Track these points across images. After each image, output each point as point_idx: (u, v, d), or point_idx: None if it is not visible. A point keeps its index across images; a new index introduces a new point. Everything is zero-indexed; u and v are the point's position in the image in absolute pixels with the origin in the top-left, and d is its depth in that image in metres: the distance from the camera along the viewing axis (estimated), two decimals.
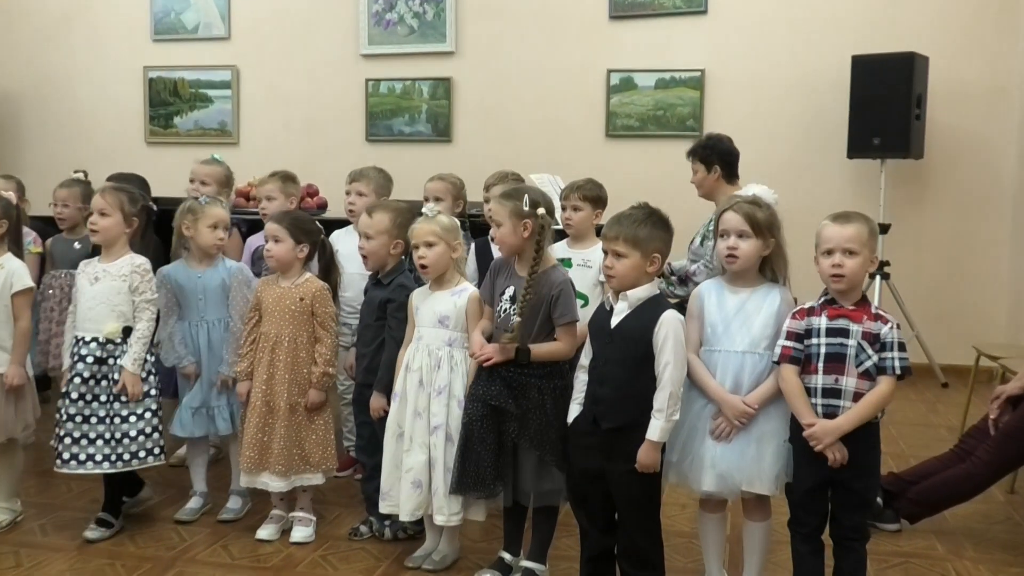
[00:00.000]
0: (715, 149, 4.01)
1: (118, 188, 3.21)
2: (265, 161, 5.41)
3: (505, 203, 2.76)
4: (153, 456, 3.18)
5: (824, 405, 2.48)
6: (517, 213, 2.74)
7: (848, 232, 2.48)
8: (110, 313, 3.11)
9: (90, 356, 3.09)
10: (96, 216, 3.13)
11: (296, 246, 3.21)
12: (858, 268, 2.47)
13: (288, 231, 3.20)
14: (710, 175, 3.99)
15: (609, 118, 6.26)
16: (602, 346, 2.61)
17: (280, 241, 3.21)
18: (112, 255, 3.17)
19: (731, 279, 2.68)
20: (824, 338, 2.49)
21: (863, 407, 2.45)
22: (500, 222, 2.76)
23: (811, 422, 2.46)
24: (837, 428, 2.44)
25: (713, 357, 2.63)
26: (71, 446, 3.08)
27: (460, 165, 5.00)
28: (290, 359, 3.17)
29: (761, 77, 6.05)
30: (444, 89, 6.51)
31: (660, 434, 2.49)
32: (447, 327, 2.90)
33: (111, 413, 3.10)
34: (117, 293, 3.11)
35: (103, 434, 3.08)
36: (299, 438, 3.18)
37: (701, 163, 4.00)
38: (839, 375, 2.46)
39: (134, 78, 7.05)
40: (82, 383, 3.08)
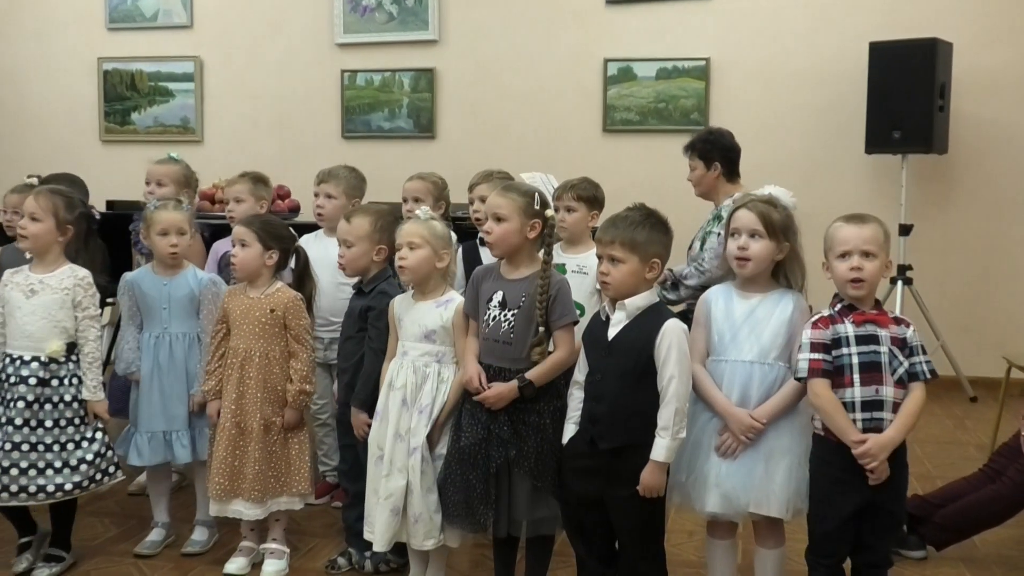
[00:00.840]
0: (716, 145, 4.03)
1: (54, 191, 3.19)
2: (231, 161, 5.43)
3: (515, 198, 2.76)
4: (109, 476, 3.19)
5: (865, 419, 2.48)
6: (526, 211, 2.75)
7: (866, 233, 2.50)
8: (52, 329, 3.08)
9: (32, 377, 3.05)
10: (27, 220, 3.11)
11: (264, 252, 3.21)
12: (876, 272, 2.50)
13: (256, 235, 3.20)
14: (709, 172, 4.01)
15: (606, 111, 6.28)
16: (599, 360, 2.61)
17: (247, 246, 3.20)
18: (47, 265, 3.15)
19: (741, 284, 2.69)
20: (855, 346, 2.49)
21: (907, 416, 2.47)
22: (504, 217, 2.76)
23: (860, 438, 2.46)
24: (891, 442, 2.45)
25: (720, 367, 2.64)
26: (19, 477, 3.04)
27: (444, 163, 5.01)
28: (262, 376, 3.17)
29: (771, 66, 6.09)
30: (427, 81, 6.52)
31: (666, 454, 2.50)
32: (434, 341, 2.90)
33: (62, 439, 3.08)
34: (60, 307, 3.09)
35: (52, 462, 3.06)
36: (274, 460, 3.18)
37: (700, 159, 4.02)
38: (879, 385, 2.47)
39: (87, 70, 7.05)
40: (26, 407, 3.05)
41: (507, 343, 2.75)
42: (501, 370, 2.75)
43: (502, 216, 2.77)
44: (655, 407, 2.51)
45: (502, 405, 2.71)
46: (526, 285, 2.76)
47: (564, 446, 2.68)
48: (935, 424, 5.15)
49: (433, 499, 2.83)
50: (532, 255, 2.82)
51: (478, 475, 2.73)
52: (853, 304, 2.53)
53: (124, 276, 3.47)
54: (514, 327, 2.74)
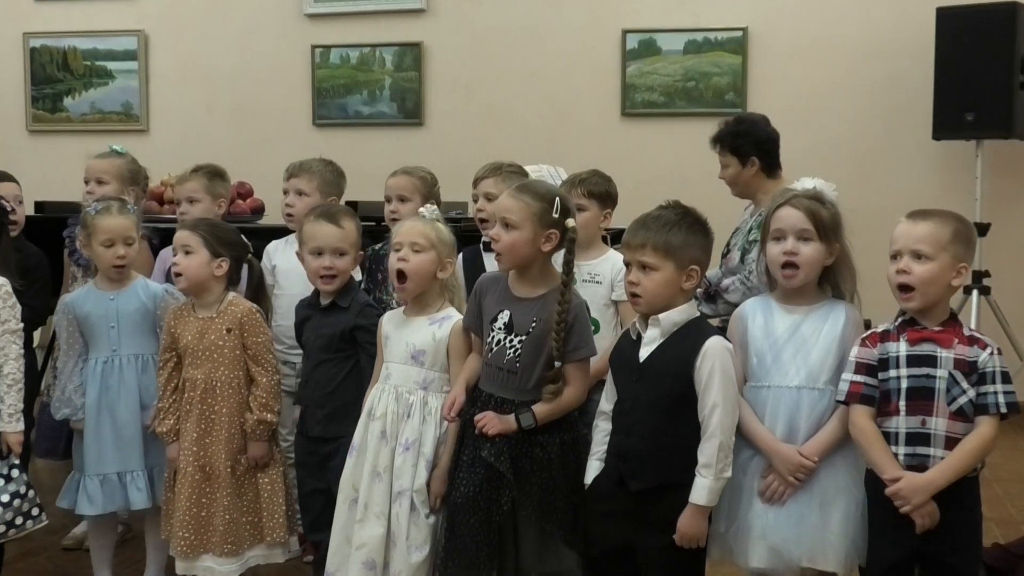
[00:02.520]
0: (749, 136, 4.01)
1: None
2: (182, 153, 5.42)
3: (528, 202, 2.75)
4: (33, 519, 3.17)
5: (908, 455, 2.48)
6: (542, 219, 2.74)
7: (919, 231, 2.50)
8: None
9: None
10: None
11: (212, 260, 3.22)
12: (930, 277, 2.48)
13: (203, 240, 3.21)
14: (745, 170, 3.99)
15: (625, 92, 6.30)
16: (629, 385, 2.61)
17: (191, 253, 3.21)
18: None
19: (783, 295, 2.70)
20: (905, 368, 2.49)
21: (960, 456, 2.45)
22: (514, 224, 2.75)
23: (895, 476, 2.46)
24: (929, 484, 2.44)
25: (761, 395, 2.64)
26: None
27: (433, 155, 5.03)
28: (226, 409, 3.17)
29: (820, 37, 6.10)
30: (412, 58, 6.54)
31: (708, 496, 2.49)
32: (422, 364, 2.90)
33: None
34: None
35: None
36: (245, 505, 3.18)
37: (732, 155, 4.02)
38: (926, 416, 2.47)
39: (11, 48, 7.07)
40: None
41: (511, 372, 2.76)
42: (504, 401, 2.76)
43: (512, 223, 2.76)
44: (695, 441, 2.51)
45: (494, 431, 2.70)
46: (538, 307, 2.76)
47: (587, 487, 2.68)
48: (1019, 459, 5.14)
49: (420, 558, 2.82)
50: (547, 270, 2.82)
51: (479, 520, 2.72)
52: (915, 318, 2.53)
53: (62, 299, 3.48)
54: (520, 355, 2.75)
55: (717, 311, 3.88)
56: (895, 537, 2.49)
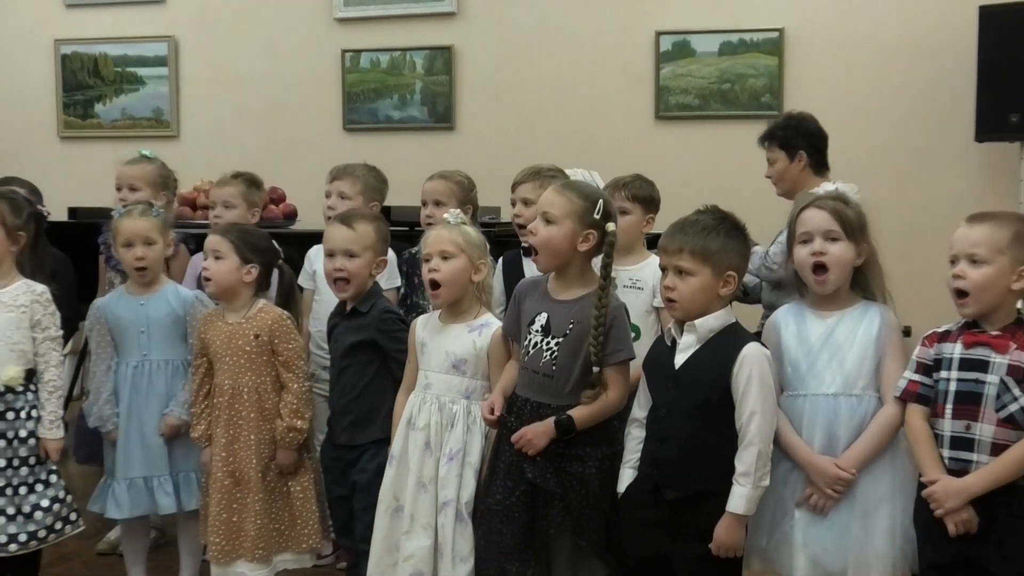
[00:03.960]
0: (800, 130, 4.05)
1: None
2: (213, 158, 5.49)
3: (572, 199, 2.78)
4: (71, 524, 3.26)
5: (951, 459, 2.49)
6: (583, 217, 2.77)
7: (975, 234, 2.50)
8: (9, 354, 3.15)
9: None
10: None
11: (242, 266, 3.26)
12: (985, 282, 2.47)
13: (232, 246, 3.26)
14: (793, 165, 4.02)
15: (659, 95, 6.29)
16: (664, 392, 2.63)
17: (221, 258, 3.26)
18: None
19: (815, 301, 2.71)
20: (956, 371, 2.50)
21: (1002, 464, 2.44)
22: (554, 219, 2.78)
23: (933, 478, 2.47)
24: (964, 489, 2.44)
25: (797, 404, 2.65)
26: None
27: (465, 159, 5.03)
28: (255, 414, 3.21)
29: (859, 37, 6.07)
30: (443, 62, 6.56)
31: (746, 505, 2.50)
32: (464, 373, 2.93)
33: (14, 482, 3.14)
34: (16, 328, 3.16)
35: (4, 508, 3.12)
36: (276, 511, 3.22)
37: (781, 150, 4.04)
38: (971, 420, 2.47)
39: (43, 55, 7.14)
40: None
41: (548, 376, 2.77)
42: (540, 406, 2.77)
43: (552, 218, 2.78)
44: (732, 449, 2.52)
45: (539, 446, 2.71)
46: (576, 309, 2.77)
47: (621, 496, 2.69)
48: None
49: (465, 571, 2.84)
50: (585, 272, 2.84)
51: (514, 531, 2.74)
52: (976, 320, 2.53)
53: (94, 303, 3.53)
54: (557, 358, 2.76)
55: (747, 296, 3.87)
56: (940, 541, 2.49)
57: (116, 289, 3.56)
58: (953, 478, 2.45)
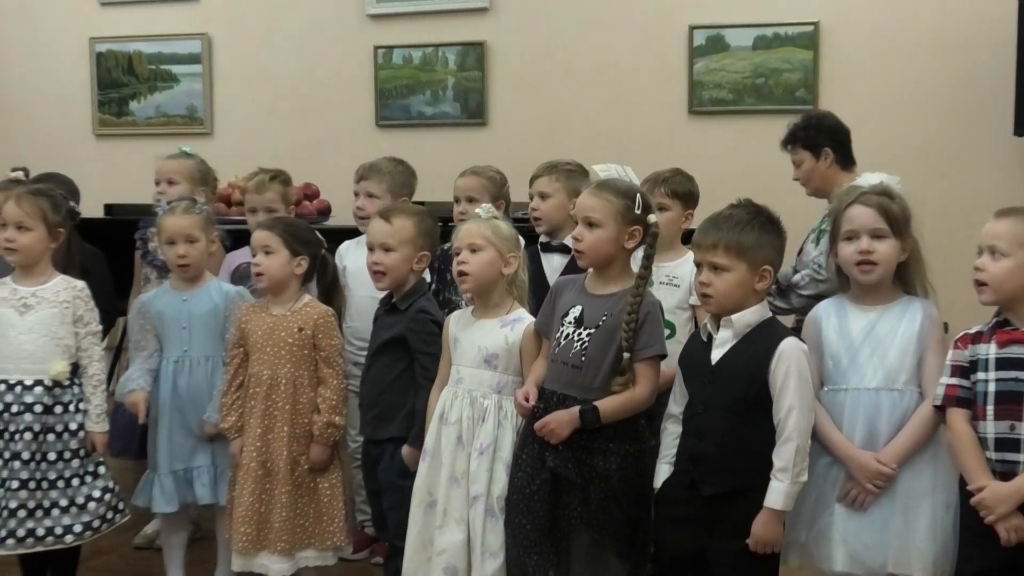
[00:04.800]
0: (821, 128, 4.03)
1: (37, 193, 3.31)
2: (247, 155, 5.51)
3: (611, 199, 2.79)
4: (120, 513, 3.33)
5: (998, 461, 2.47)
6: (625, 215, 2.78)
7: (998, 227, 2.50)
8: (54, 349, 3.20)
9: (38, 404, 3.16)
10: (12, 231, 3.21)
11: (292, 259, 3.29)
12: (1003, 274, 2.47)
13: (282, 240, 3.28)
14: (820, 163, 4.01)
15: (693, 90, 6.27)
16: (700, 388, 2.63)
17: (272, 253, 3.28)
18: (35, 276, 3.25)
19: (857, 295, 2.70)
20: (993, 372, 2.48)
21: None
22: (598, 222, 2.78)
23: (981, 484, 2.45)
24: (1014, 492, 2.42)
25: (838, 399, 2.64)
26: (26, 520, 3.14)
27: (497, 155, 5.04)
28: (289, 406, 3.24)
29: (896, 30, 6.03)
30: (476, 57, 6.58)
31: (784, 500, 2.50)
32: (495, 368, 2.94)
33: (67, 474, 3.20)
34: (60, 323, 3.21)
35: (58, 501, 3.17)
36: (302, 506, 3.24)
37: (806, 150, 4.03)
38: (1015, 420, 2.45)
39: (78, 53, 7.22)
40: (33, 439, 3.15)
41: (576, 367, 2.78)
42: (567, 398, 2.77)
43: (595, 221, 2.79)
44: (769, 445, 2.52)
45: (562, 435, 2.72)
46: (611, 303, 2.78)
47: (657, 492, 2.69)
48: None
49: (495, 566, 2.85)
50: (626, 268, 2.85)
51: (535, 523, 2.75)
52: (1008, 319, 2.51)
53: (139, 298, 3.58)
54: (587, 348, 2.77)
55: (791, 304, 3.86)
56: (985, 544, 2.47)
57: (162, 285, 3.59)
58: (1001, 483, 2.43)
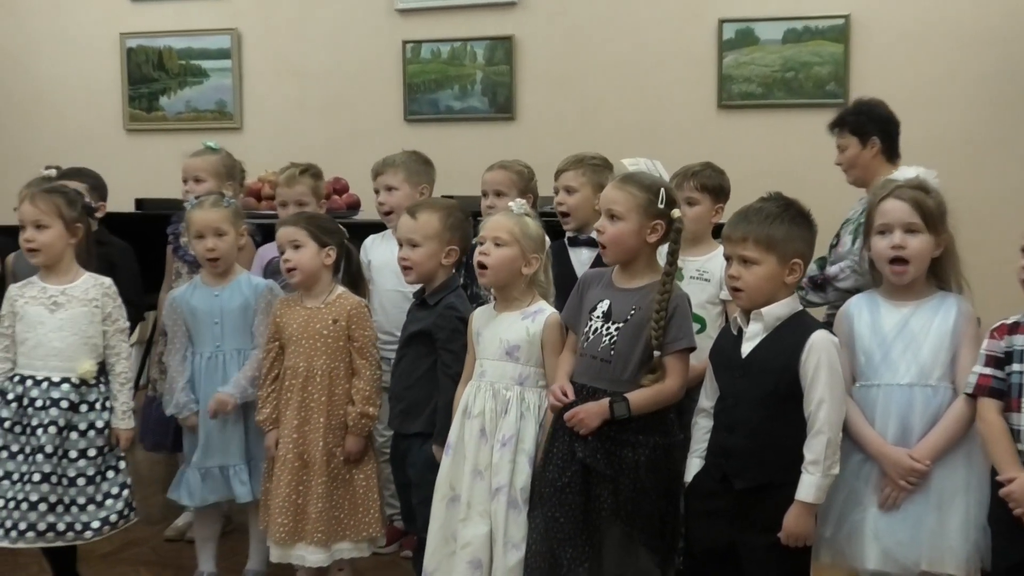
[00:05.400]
0: (872, 116, 4.02)
1: (50, 191, 3.34)
2: (276, 150, 5.55)
3: (634, 192, 2.79)
4: (135, 512, 3.35)
5: None
6: (648, 209, 2.78)
7: None
8: (83, 347, 3.24)
9: (64, 400, 3.20)
10: (31, 231, 3.24)
11: (321, 250, 3.32)
12: None
13: (309, 233, 3.31)
14: (865, 151, 3.99)
15: (722, 83, 6.25)
16: (731, 382, 2.63)
17: (301, 247, 3.31)
18: (60, 274, 3.28)
19: (889, 290, 2.69)
20: None
21: None
22: (620, 215, 2.79)
23: (1010, 476, 2.44)
24: None
25: (870, 395, 2.63)
26: (46, 514, 3.17)
27: (526, 149, 5.05)
28: (325, 398, 3.26)
29: (927, 23, 5.98)
30: (504, 52, 6.58)
31: (816, 494, 2.50)
32: (517, 360, 2.95)
33: (88, 472, 3.22)
34: (89, 322, 3.25)
35: (76, 498, 3.20)
36: (338, 498, 3.27)
37: (853, 135, 4.01)
38: None
39: (108, 48, 7.27)
40: (56, 434, 3.19)
41: (605, 360, 2.78)
42: (596, 391, 2.78)
43: (617, 214, 2.79)
44: (801, 438, 2.51)
45: (592, 426, 2.72)
46: (639, 296, 2.79)
47: (688, 485, 2.70)
48: None
49: (516, 559, 2.86)
50: (652, 262, 2.85)
51: (567, 515, 2.75)
52: None
53: (170, 293, 3.61)
54: (616, 342, 2.77)
55: (827, 299, 3.84)
56: (1015, 537, 2.46)
57: (193, 279, 3.61)
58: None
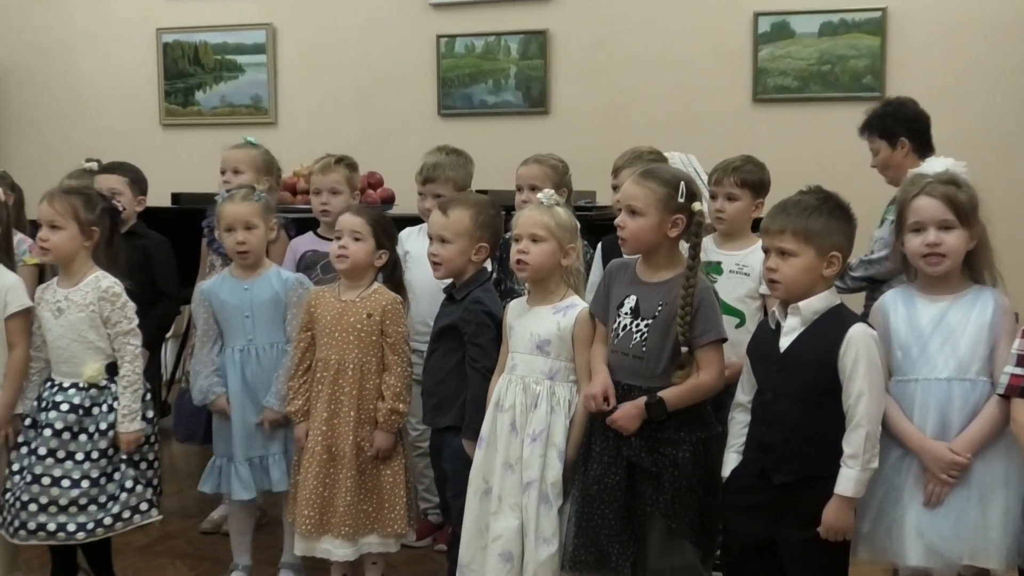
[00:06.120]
0: (898, 117, 4.00)
1: (69, 191, 3.35)
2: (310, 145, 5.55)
3: (653, 187, 2.79)
4: (141, 514, 3.29)
5: None
6: (667, 204, 2.77)
7: None
8: (86, 352, 3.25)
9: (65, 404, 3.21)
10: (46, 230, 3.25)
11: (376, 250, 3.33)
12: None
13: (371, 230, 3.32)
14: (896, 152, 3.97)
15: (757, 77, 6.23)
16: (769, 376, 2.62)
17: (361, 239, 3.32)
18: (72, 276, 3.29)
19: (925, 284, 2.67)
20: None
21: None
22: (639, 210, 2.79)
23: None
24: None
25: (908, 389, 2.62)
26: (37, 514, 3.17)
27: (559, 143, 5.05)
28: (356, 392, 3.28)
29: (965, 16, 5.93)
30: (538, 46, 6.58)
31: (855, 488, 2.49)
32: (548, 354, 2.96)
33: (93, 474, 3.21)
34: (89, 327, 3.24)
35: (78, 499, 3.19)
36: (366, 492, 3.28)
37: (881, 139, 4.00)
38: None
39: (145, 44, 7.33)
40: (53, 436, 3.19)
41: (638, 357, 2.79)
42: (630, 388, 2.78)
43: (637, 209, 2.80)
44: (840, 432, 2.50)
45: (632, 429, 2.73)
46: (665, 291, 2.79)
47: (725, 480, 2.70)
48: None
49: (548, 553, 2.86)
50: (674, 254, 2.85)
51: (615, 511, 2.75)
52: None
53: (199, 286, 3.63)
54: (647, 339, 2.78)
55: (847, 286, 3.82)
56: None
57: (221, 272, 3.63)
58: None
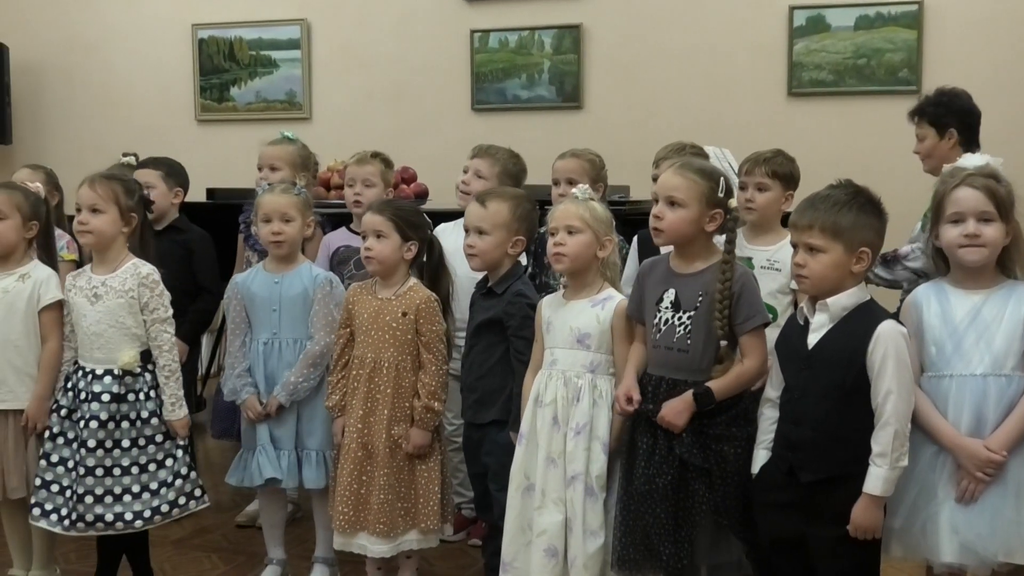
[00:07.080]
0: (951, 107, 3.98)
1: (110, 177, 3.39)
2: (344, 140, 5.62)
3: (696, 180, 2.79)
4: (196, 500, 3.37)
5: None
6: (709, 198, 2.78)
7: None
8: (123, 338, 3.27)
9: (106, 393, 3.24)
10: (86, 214, 3.28)
11: (403, 244, 3.34)
12: None
13: (394, 224, 3.33)
14: (943, 142, 3.95)
15: (792, 71, 6.20)
16: (797, 373, 2.62)
17: (383, 237, 3.32)
18: (108, 263, 3.32)
19: (958, 278, 2.66)
20: None
21: None
22: (681, 202, 2.80)
23: None
24: None
25: (942, 385, 2.61)
26: (93, 505, 3.22)
27: (593, 138, 5.06)
28: (391, 390, 3.30)
29: (1002, 9, 5.88)
30: (571, 40, 6.58)
31: (883, 486, 2.49)
32: (588, 348, 2.96)
33: (141, 460, 3.27)
34: (127, 313, 3.27)
35: (130, 487, 3.24)
36: (402, 489, 3.30)
37: (931, 126, 3.98)
38: None
39: (180, 39, 7.39)
40: (100, 427, 3.23)
41: (683, 351, 2.79)
42: (676, 383, 2.79)
43: (678, 201, 2.80)
44: (868, 430, 2.50)
45: (681, 423, 2.74)
46: (702, 281, 2.80)
47: (755, 477, 2.70)
48: None
49: (597, 545, 2.88)
50: (708, 245, 2.86)
51: (667, 511, 2.75)
52: None
53: (232, 279, 3.67)
54: (691, 332, 2.78)
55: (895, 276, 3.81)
56: None
57: (255, 266, 3.68)
58: None
